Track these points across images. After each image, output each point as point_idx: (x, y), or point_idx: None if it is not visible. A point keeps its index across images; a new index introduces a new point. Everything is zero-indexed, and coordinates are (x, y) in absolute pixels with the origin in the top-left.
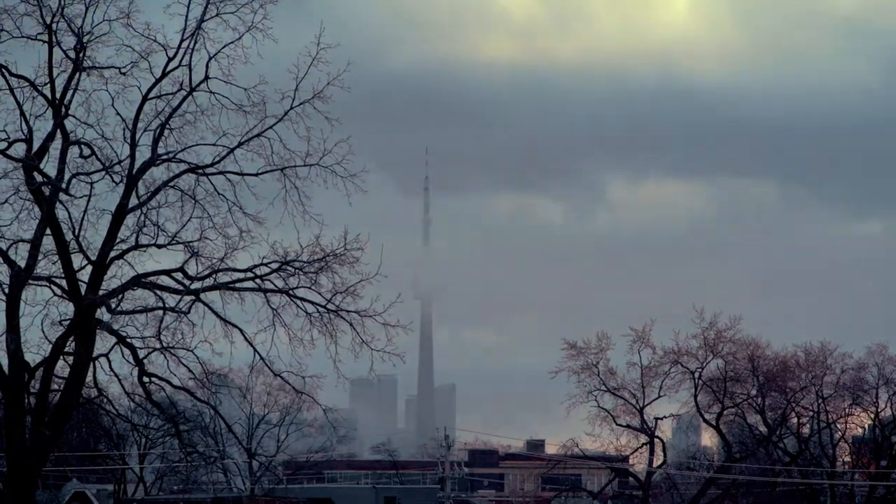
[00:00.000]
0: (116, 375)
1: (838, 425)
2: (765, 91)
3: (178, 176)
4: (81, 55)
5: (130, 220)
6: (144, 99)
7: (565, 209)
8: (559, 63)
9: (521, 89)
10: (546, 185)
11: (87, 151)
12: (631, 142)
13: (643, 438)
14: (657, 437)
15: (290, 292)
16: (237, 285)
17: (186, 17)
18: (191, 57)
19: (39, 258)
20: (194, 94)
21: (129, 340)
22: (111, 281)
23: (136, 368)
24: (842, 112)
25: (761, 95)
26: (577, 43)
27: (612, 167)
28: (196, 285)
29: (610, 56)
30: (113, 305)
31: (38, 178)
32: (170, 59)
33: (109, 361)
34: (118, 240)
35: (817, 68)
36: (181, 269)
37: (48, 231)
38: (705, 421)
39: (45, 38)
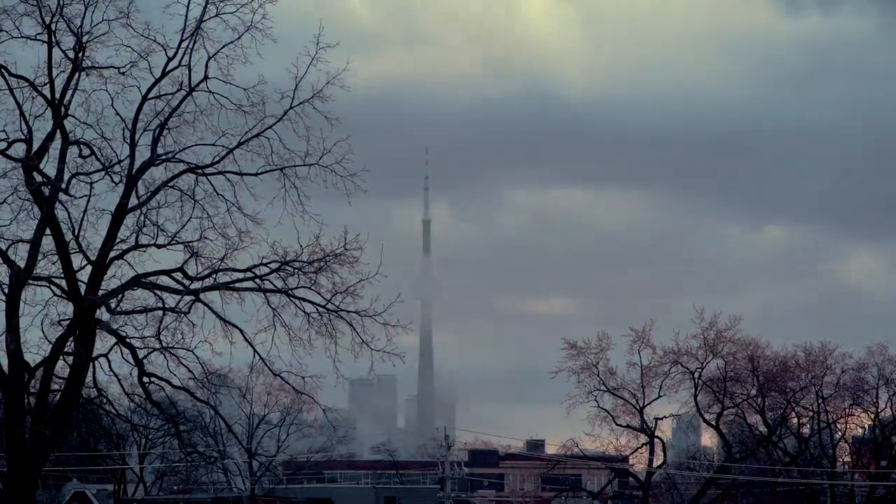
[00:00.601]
0: (116, 375)
1: (838, 425)
2: (630, 99)
3: (177, 176)
4: (81, 55)
5: (130, 220)
6: (144, 99)
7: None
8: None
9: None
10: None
11: (86, 151)
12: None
13: (643, 438)
14: (657, 437)
15: (290, 292)
16: (237, 285)
17: (186, 16)
18: (190, 57)
19: (39, 258)
20: (194, 94)
21: (128, 340)
22: (111, 281)
23: (136, 368)
24: (712, 119)
25: (626, 104)
26: (423, 55)
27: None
28: (196, 285)
29: (461, 66)
30: (113, 305)
31: (38, 177)
32: (169, 59)
33: (109, 361)
34: (118, 240)
35: (686, 73)
36: (181, 269)
37: (48, 231)
38: (705, 421)
39: (45, 38)
